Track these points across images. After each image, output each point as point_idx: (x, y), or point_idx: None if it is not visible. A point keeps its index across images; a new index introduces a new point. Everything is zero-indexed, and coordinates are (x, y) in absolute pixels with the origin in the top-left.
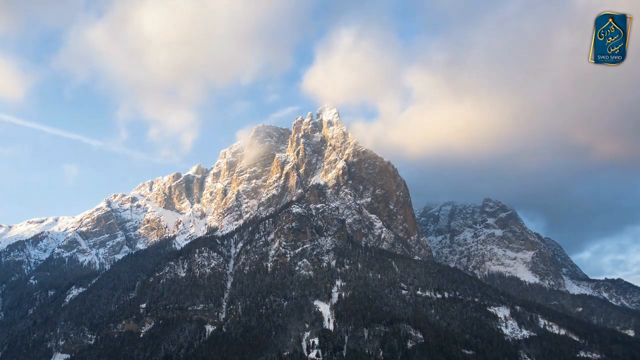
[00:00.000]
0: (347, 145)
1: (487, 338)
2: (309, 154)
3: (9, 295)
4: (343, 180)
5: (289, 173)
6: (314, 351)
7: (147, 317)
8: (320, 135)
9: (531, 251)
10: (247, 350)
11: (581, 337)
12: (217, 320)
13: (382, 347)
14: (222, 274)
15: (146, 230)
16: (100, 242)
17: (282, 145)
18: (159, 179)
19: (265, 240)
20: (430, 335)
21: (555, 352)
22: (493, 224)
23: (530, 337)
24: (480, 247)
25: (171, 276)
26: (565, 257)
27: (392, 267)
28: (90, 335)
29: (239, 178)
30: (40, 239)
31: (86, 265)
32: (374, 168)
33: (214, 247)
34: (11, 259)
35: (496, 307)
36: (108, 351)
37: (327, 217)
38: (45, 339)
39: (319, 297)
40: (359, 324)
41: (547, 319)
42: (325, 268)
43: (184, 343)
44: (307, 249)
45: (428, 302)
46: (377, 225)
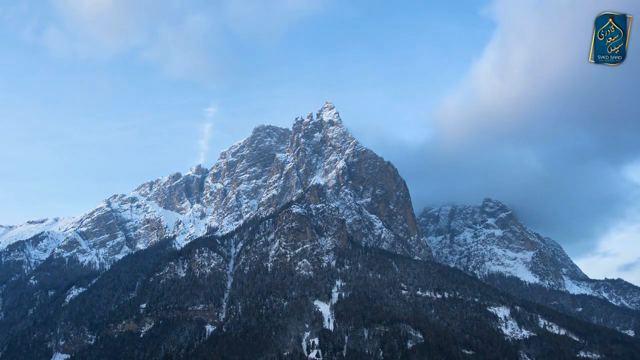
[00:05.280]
0: (347, 145)
1: (487, 338)
2: (309, 154)
3: (9, 295)
4: (343, 180)
5: (289, 173)
6: (314, 351)
7: (147, 317)
8: (320, 135)
9: (531, 251)
10: (247, 350)
11: (581, 337)
12: (217, 320)
13: (382, 347)
14: (222, 274)
15: (146, 231)
16: (100, 242)
17: (282, 145)
18: (159, 179)
19: (265, 241)
20: (430, 336)
21: (555, 352)
22: (493, 224)
23: (530, 337)
24: (480, 247)
25: (171, 276)
26: (565, 257)
27: (392, 267)
28: (90, 335)
29: (239, 178)
30: (40, 239)
31: (86, 265)
32: (374, 168)
33: (214, 247)
34: (11, 259)
35: (496, 307)
36: (108, 351)
37: (327, 217)
38: (45, 339)
39: (319, 297)
40: (359, 324)
41: (547, 319)
42: (325, 268)
43: (184, 343)
44: (307, 249)
45: (428, 302)
46: (377, 225)
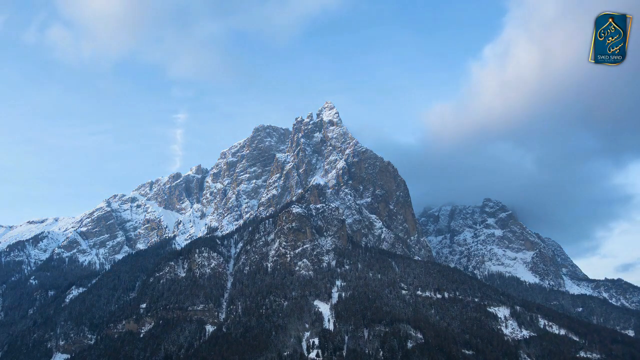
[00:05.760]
0: (347, 145)
1: (487, 338)
2: (309, 154)
3: (9, 295)
4: (343, 180)
5: (289, 173)
6: (314, 351)
7: (147, 317)
8: (320, 135)
9: (531, 251)
10: (247, 351)
11: (581, 337)
12: (217, 320)
13: (382, 347)
14: (222, 274)
15: (146, 231)
16: (100, 242)
17: (282, 145)
18: (159, 179)
19: (265, 240)
20: (430, 335)
21: (555, 352)
22: (493, 224)
23: (530, 337)
24: (480, 247)
25: (171, 276)
26: (565, 257)
27: (392, 267)
28: (90, 335)
29: (239, 178)
30: (40, 239)
31: (86, 265)
32: (374, 168)
33: (214, 247)
34: (11, 259)
35: (496, 307)
36: (108, 351)
37: (327, 217)
38: (45, 339)
39: (319, 297)
40: (359, 324)
41: (547, 319)
42: (325, 268)
43: (184, 343)
44: (307, 249)
45: (428, 302)
46: (377, 225)
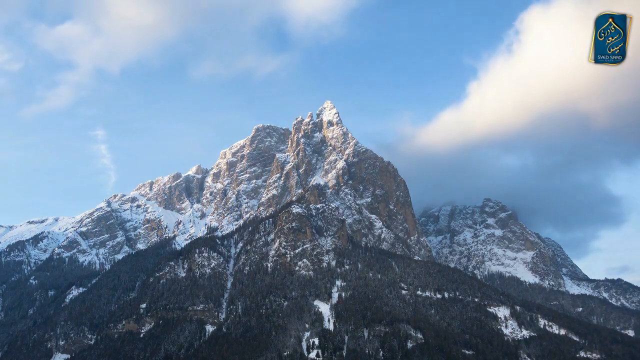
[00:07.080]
0: (347, 145)
1: (487, 338)
2: (309, 154)
3: (9, 295)
4: (343, 180)
5: (289, 173)
6: (314, 351)
7: (147, 317)
8: (320, 135)
9: (531, 251)
10: (247, 350)
11: (581, 337)
12: (217, 320)
13: (382, 347)
14: (222, 274)
15: (146, 231)
16: (100, 242)
17: (282, 145)
18: (159, 179)
19: (265, 240)
20: (430, 336)
21: (555, 352)
22: (493, 224)
23: (530, 337)
24: (480, 247)
25: (171, 276)
26: (565, 257)
27: (392, 267)
28: (90, 335)
29: (239, 178)
30: (40, 239)
31: (86, 265)
32: (374, 168)
33: (214, 247)
34: (11, 259)
35: (496, 307)
36: (108, 351)
37: (327, 217)
38: (45, 339)
39: (319, 297)
40: (359, 324)
41: (547, 319)
42: (325, 268)
43: (184, 343)
44: (307, 249)
45: (428, 302)
46: (377, 225)
